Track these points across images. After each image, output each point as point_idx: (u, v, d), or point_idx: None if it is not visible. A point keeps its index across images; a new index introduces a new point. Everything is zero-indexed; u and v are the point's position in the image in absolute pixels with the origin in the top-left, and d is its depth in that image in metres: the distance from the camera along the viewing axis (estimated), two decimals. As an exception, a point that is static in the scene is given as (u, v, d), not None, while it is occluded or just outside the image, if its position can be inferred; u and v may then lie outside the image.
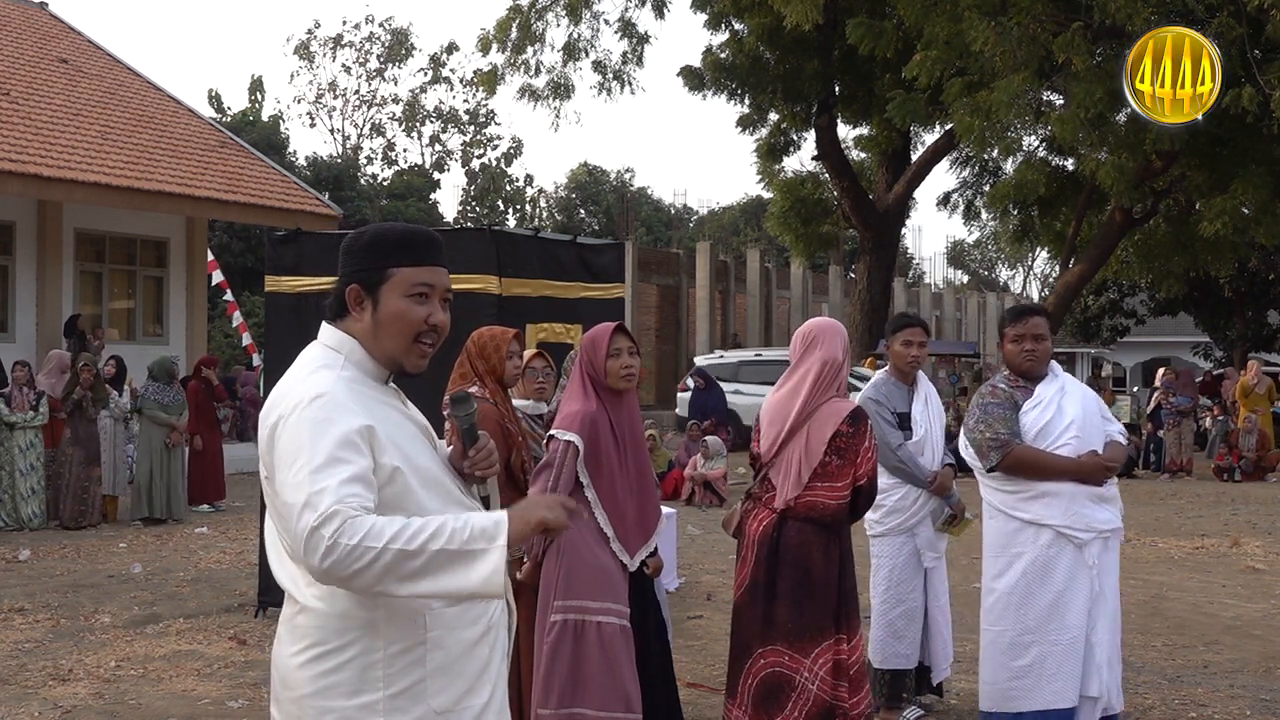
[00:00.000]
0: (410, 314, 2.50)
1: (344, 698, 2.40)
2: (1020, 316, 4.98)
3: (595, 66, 21.09)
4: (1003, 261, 65.67)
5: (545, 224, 47.08)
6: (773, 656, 4.45)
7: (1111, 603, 4.84)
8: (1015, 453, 4.81)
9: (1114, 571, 4.88)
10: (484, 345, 4.96)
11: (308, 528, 2.25)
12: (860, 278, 20.97)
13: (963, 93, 15.57)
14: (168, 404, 12.49)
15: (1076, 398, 4.89)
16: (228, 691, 6.17)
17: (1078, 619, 4.73)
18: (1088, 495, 4.77)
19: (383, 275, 2.50)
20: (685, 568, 9.54)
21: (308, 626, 2.43)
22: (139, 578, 9.33)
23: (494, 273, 7.18)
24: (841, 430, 4.43)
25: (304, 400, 2.38)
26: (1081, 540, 4.75)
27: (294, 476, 2.31)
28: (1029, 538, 4.80)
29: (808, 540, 4.46)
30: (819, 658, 4.40)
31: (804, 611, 4.42)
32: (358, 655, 2.40)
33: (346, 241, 2.58)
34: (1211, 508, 14.35)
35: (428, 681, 2.44)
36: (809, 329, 4.67)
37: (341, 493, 2.27)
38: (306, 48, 47.39)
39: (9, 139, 16.08)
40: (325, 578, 2.30)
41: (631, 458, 4.49)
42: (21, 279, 17.23)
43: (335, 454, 2.32)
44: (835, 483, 4.44)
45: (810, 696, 4.38)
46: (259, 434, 2.48)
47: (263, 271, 9.35)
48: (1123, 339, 33.85)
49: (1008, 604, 4.85)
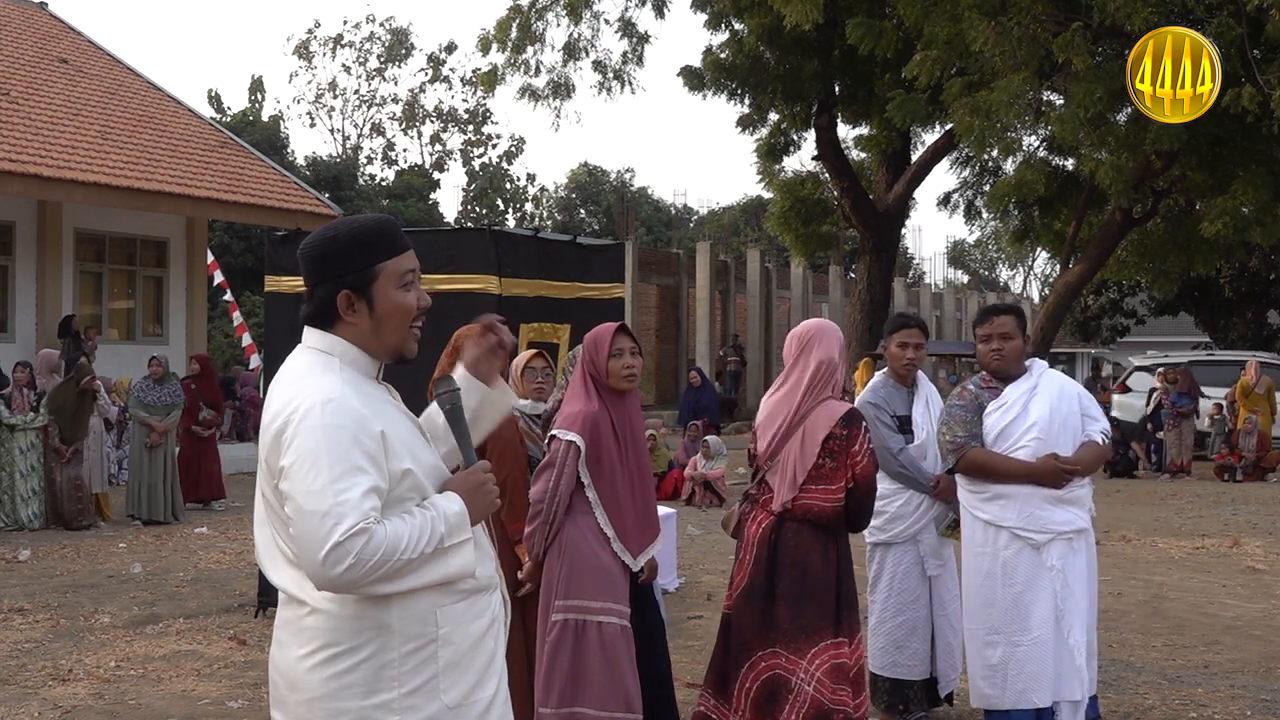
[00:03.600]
0: (406, 303, 2.53)
1: (359, 698, 2.41)
2: (987, 316, 5.01)
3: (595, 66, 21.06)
4: (1003, 261, 65.73)
5: (545, 224, 47.08)
6: (772, 659, 4.43)
7: (1083, 603, 4.82)
8: (969, 455, 4.84)
9: (1084, 573, 4.84)
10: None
11: (333, 540, 2.29)
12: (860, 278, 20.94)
13: (963, 93, 15.55)
14: (150, 403, 12.46)
15: (1046, 399, 4.85)
16: (228, 691, 6.17)
17: (1040, 620, 4.72)
18: (1044, 497, 4.75)
19: (372, 274, 2.50)
20: (685, 568, 9.54)
21: (319, 628, 2.42)
22: (139, 578, 9.33)
23: (494, 273, 7.18)
24: (835, 432, 4.42)
25: (315, 406, 2.38)
26: (1038, 542, 4.74)
27: (314, 484, 2.32)
28: (990, 538, 4.83)
29: (806, 542, 4.45)
30: (815, 659, 4.38)
31: (802, 613, 4.41)
32: (372, 655, 2.41)
33: (315, 248, 2.55)
34: (1211, 508, 14.35)
35: (440, 677, 2.47)
36: (805, 330, 4.67)
37: (364, 507, 2.32)
38: (306, 48, 47.42)
39: (9, 139, 16.07)
40: (332, 585, 2.34)
41: (633, 458, 4.49)
42: (21, 279, 17.22)
43: (355, 462, 2.35)
44: (830, 485, 4.43)
45: (807, 698, 4.34)
46: (261, 439, 2.47)
47: (263, 271, 9.35)
48: (1123, 339, 33.85)
49: (976, 604, 4.89)
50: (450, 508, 2.46)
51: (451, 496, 2.50)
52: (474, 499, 2.52)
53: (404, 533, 2.36)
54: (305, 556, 2.34)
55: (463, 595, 2.50)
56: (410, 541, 2.36)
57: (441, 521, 2.42)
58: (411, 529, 2.37)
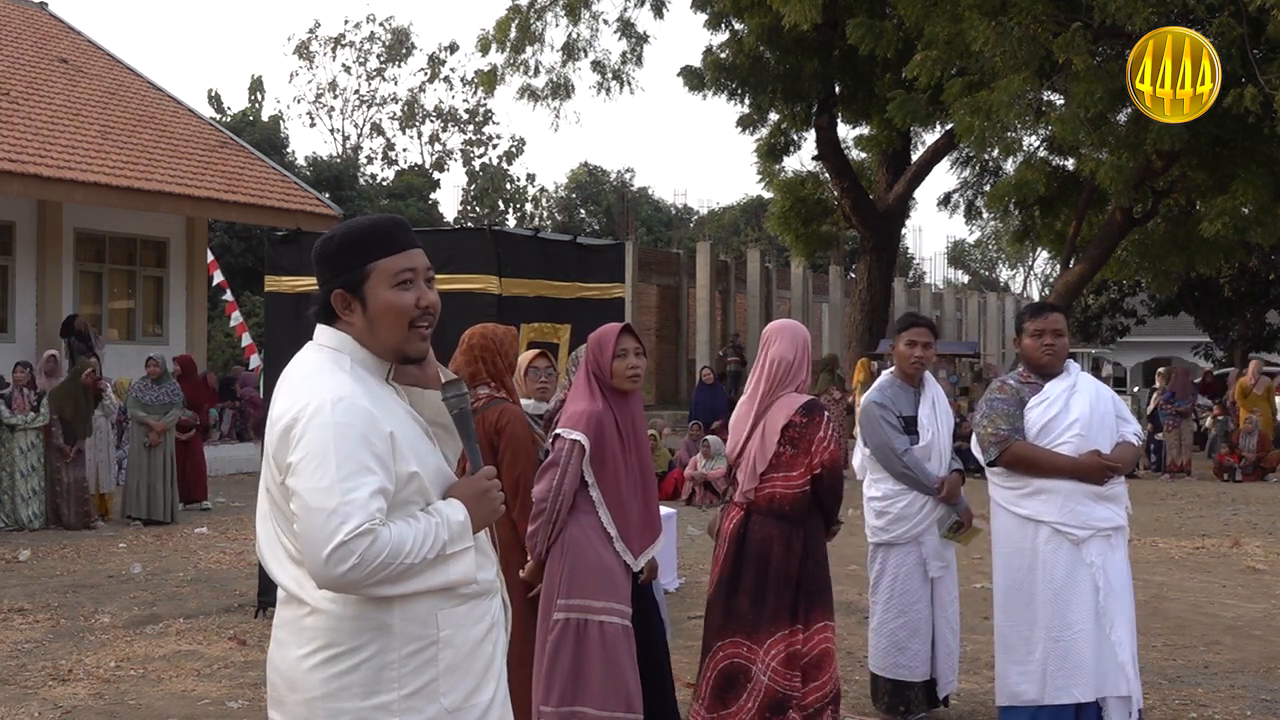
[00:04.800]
0: (400, 303, 2.50)
1: (358, 698, 2.41)
2: (1040, 311, 5.02)
3: (595, 66, 21.09)
4: (1003, 261, 65.73)
5: (545, 224, 47.06)
6: (731, 648, 4.60)
7: (1125, 600, 4.83)
8: (1013, 449, 4.84)
9: (1124, 570, 4.87)
10: (500, 342, 4.83)
11: (338, 539, 2.29)
12: (860, 278, 20.96)
13: (963, 93, 15.56)
14: (148, 402, 12.46)
15: (1086, 396, 4.89)
16: (228, 691, 6.17)
17: (1080, 616, 4.73)
18: (1086, 493, 4.77)
19: (363, 273, 2.49)
20: (685, 568, 9.54)
21: (319, 628, 2.42)
22: (139, 578, 9.33)
23: (494, 273, 7.19)
24: (794, 421, 4.57)
25: (325, 404, 2.37)
26: (1078, 538, 4.76)
27: (321, 481, 2.32)
28: (1028, 534, 4.84)
29: (769, 534, 4.60)
30: (772, 648, 4.54)
31: (762, 603, 4.56)
32: (373, 656, 2.41)
33: (317, 249, 2.57)
34: (1212, 508, 14.35)
35: (440, 680, 2.46)
36: (766, 331, 4.88)
37: (371, 507, 2.32)
38: (306, 47, 47.38)
39: (9, 139, 16.06)
40: (333, 584, 2.34)
41: (636, 458, 4.50)
42: (21, 279, 17.21)
43: (363, 462, 2.35)
44: (790, 472, 4.57)
45: (762, 688, 4.51)
46: (267, 436, 2.47)
47: (263, 271, 9.35)
48: (1123, 339, 33.83)
49: (1011, 599, 4.89)
50: (454, 516, 2.46)
51: (455, 504, 2.50)
52: (477, 506, 2.53)
53: (408, 537, 2.36)
54: (308, 553, 2.33)
55: (464, 599, 2.50)
56: (414, 546, 2.36)
57: (445, 529, 2.43)
58: (416, 534, 2.37)
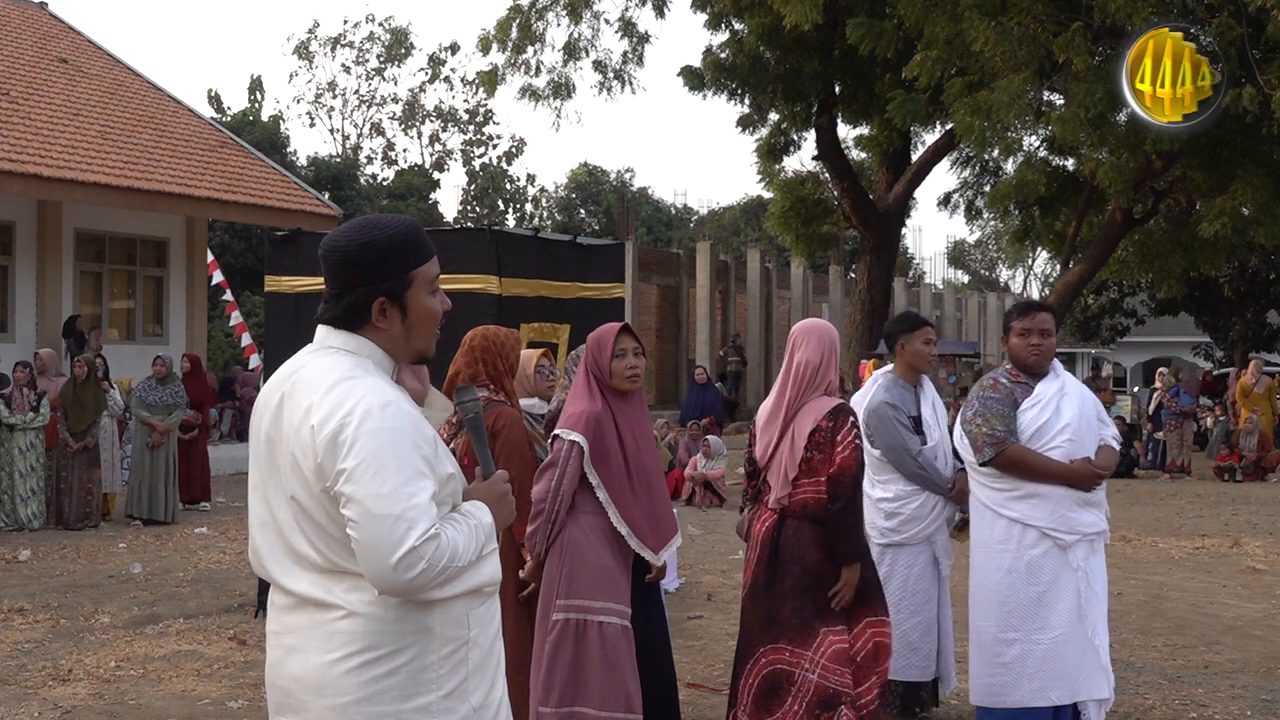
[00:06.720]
0: (435, 309, 2.56)
1: (397, 701, 2.40)
2: (1027, 311, 4.98)
3: (595, 66, 21.05)
4: (1003, 261, 65.68)
5: (545, 224, 47.06)
6: (774, 655, 4.51)
7: (1104, 603, 4.86)
8: (1009, 452, 4.80)
9: (1103, 573, 4.89)
10: (501, 344, 4.82)
11: (408, 545, 2.29)
12: (860, 278, 20.93)
13: (963, 93, 15.54)
14: (152, 403, 12.46)
15: (1074, 400, 4.88)
16: (228, 691, 6.17)
17: (1061, 619, 4.73)
18: (1074, 499, 4.78)
19: (406, 280, 2.50)
20: (685, 568, 9.54)
21: (356, 632, 2.39)
22: (139, 578, 9.33)
23: (494, 273, 7.19)
24: (821, 426, 4.51)
25: (374, 409, 2.37)
26: (1066, 542, 4.76)
27: (382, 488, 2.31)
28: (1015, 536, 4.81)
29: (805, 537, 4.53)
30: (819, 647, 4.47)
31: (805, 607, 4.50)
32: (414, 659, 2.41)
33: (349, 254, 2.48)
34: (1212, 508, 14.35)
35: (469, 679, 2.49)
36: (792, 333, 4.77)
37: (432, 512, 2.35)
38: (306, 47, 47.37)
39: (9, 139, 16.06)
40: (399, 590, 2.33)
41: (640, 458, 4.49)
42: (21, 279, 17.22)
43: (417, 466, 2.37)
44: (820, 478, 4.52)
45: (810, 686, 4.43)
46: (297, 440, 2.40)
47: (263, 271, 9.35)
48: (1123, 339, 33.81)
49: (991, 600, 4.88)
50: (484, 518, 2.51)
51: (481, 506, 2.54)
52: (497, 509, 2.57)
53: (459, 539, 2.40)
54: (372, 559, 2.31)
55: (485, 597, 2.54)
56: (464, 549, 2.40)
57: (482, 530, 2.48)
58: (464, 536, 2.42)
